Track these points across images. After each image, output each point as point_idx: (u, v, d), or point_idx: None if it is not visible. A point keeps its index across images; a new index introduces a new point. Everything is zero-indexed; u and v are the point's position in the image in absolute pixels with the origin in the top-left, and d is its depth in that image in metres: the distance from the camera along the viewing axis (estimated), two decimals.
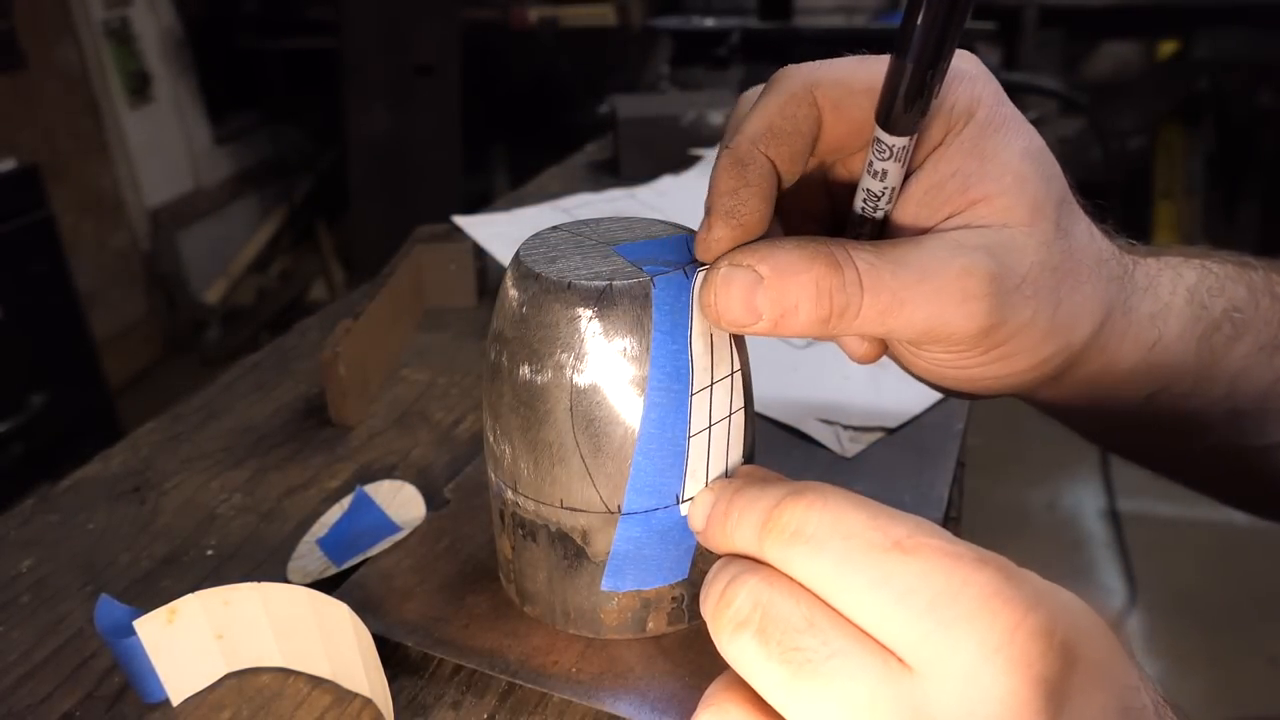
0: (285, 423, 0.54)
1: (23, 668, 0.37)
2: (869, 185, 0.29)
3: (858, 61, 0.29)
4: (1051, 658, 0.20)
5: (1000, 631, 0.20)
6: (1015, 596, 0.21)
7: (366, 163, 2.73)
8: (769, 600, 0.23)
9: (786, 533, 0.24)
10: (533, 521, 0.33)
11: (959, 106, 0.29)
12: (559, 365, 0.30)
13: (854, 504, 0.24)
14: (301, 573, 0.40)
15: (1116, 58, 3.03)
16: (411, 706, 0.34)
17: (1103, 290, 0.32)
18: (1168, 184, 2.78)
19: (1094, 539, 1.88)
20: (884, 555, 0.22)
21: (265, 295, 2.99)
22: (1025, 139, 0.29)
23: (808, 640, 0.22)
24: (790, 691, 0.22)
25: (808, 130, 0.29)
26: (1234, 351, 0.36)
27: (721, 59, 1.31)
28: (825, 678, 0.22)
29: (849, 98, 0.28)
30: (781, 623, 0.23)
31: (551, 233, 0.34)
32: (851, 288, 0.27)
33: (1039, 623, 0.21)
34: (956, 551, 0.22)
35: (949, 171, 0.29)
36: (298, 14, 2.92)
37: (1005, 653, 0.20)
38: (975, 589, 0.21)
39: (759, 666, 0.23)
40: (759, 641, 0.23)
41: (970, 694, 0.20)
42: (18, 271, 1.91)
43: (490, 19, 2.70)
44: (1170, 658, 1.61)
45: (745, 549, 0.25)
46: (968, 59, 0.30)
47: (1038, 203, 0.29)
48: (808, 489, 0.24)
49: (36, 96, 2.28)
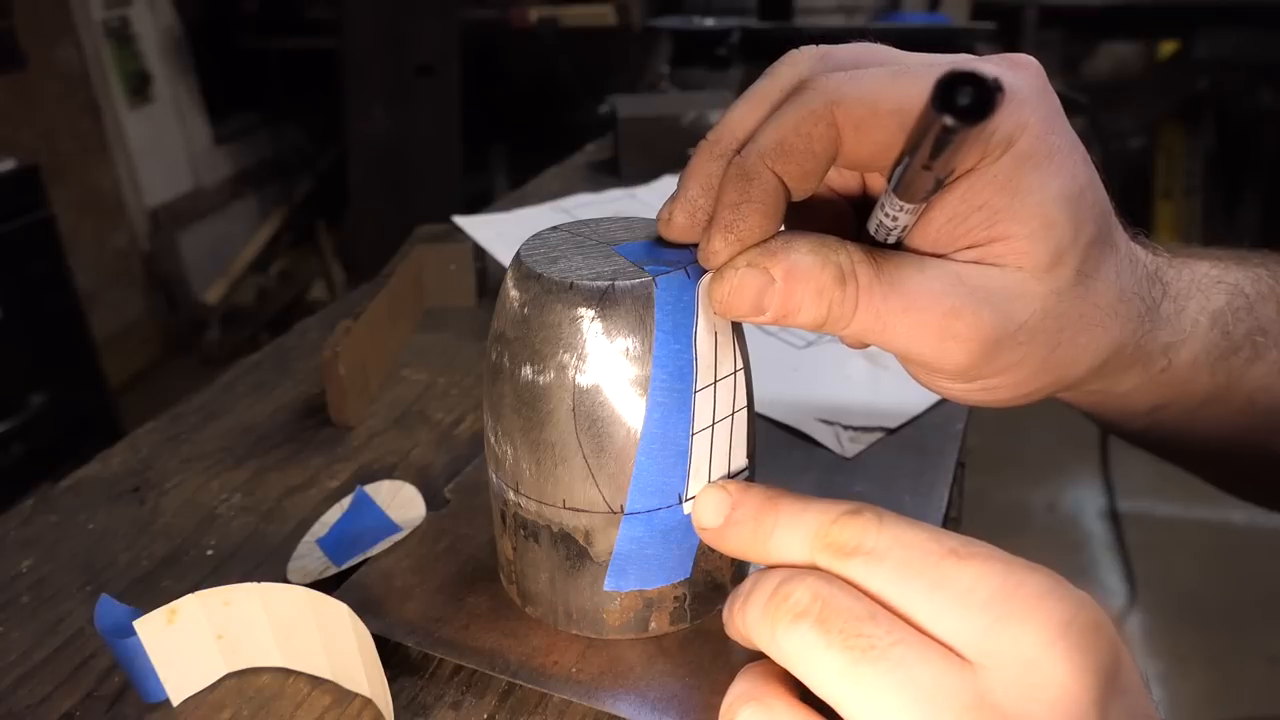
0: (285, 423, 0.54)
1: (23, 668, 0.36)
2: (882, 218, 0.28)
3: (889, 76, 0.27)
4: (1105, 650, 0.22)
5: (1056, 625, 0.21)
6: (1067, 595, 0.22)
7: (366, 163, 2.73)
8: (829, 594, 0.24)
9: (847, 548, 0.24)
10: (534, 522, 0.33)
11: (1000, 132, 0.26)
12: (561, 366, 0.30)
13: (910, 522, 0.24)
14: (301, 573, 0.40)
15: (1116, 58, 3.03)
16: (411, 706, 0.34)
17: (1115, 332, 0.31)
18: (1168, 184, 2.79)
19: (1094, 539, 1.88)
20: (941, 561, 0.23)
21: (265, 295, 2.99)
22: (1067, 177, 0.27)
23: (871, 628, 0.23)
24: (852, 678, 0.23)
25: (822, 151, 0.27)
26: (1252, 371, 0.35)
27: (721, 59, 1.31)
28: (890, 663, 0.22)
29: (872, 119, 0.26)
30: (844, 612, 0.23)
31: (552, 233, 0.34)
32: (849, 302, 0.27)
33: (1091, 618, 0.22)
34: (1008, 558, 0.23)
35: (975, 204, 0.27)
36: (298, 14, 2.92)
37: (1062, 643, 0.21)
38: (1030, 588, 0.22)
39: (818, 655, 0.23)
40: (820, 630, 0.23)
41: (1031, 681, 0.21)
42: (18, 271, 1.91)
43: (490, 19, 2.70)
44: (1170, 658, 1.61)
45: (791, 559, 0.26)
46: (1026, 71, 0.28)
47: (1061, 250, 0.28)
48: (864, 508, 0.25)
49: (36, 96, 2.28)
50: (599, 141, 1.16)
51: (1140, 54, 3.04)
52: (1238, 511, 0.45)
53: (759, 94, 0.29)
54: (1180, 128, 2.78)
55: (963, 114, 0.20)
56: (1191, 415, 0.36)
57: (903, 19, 2.34)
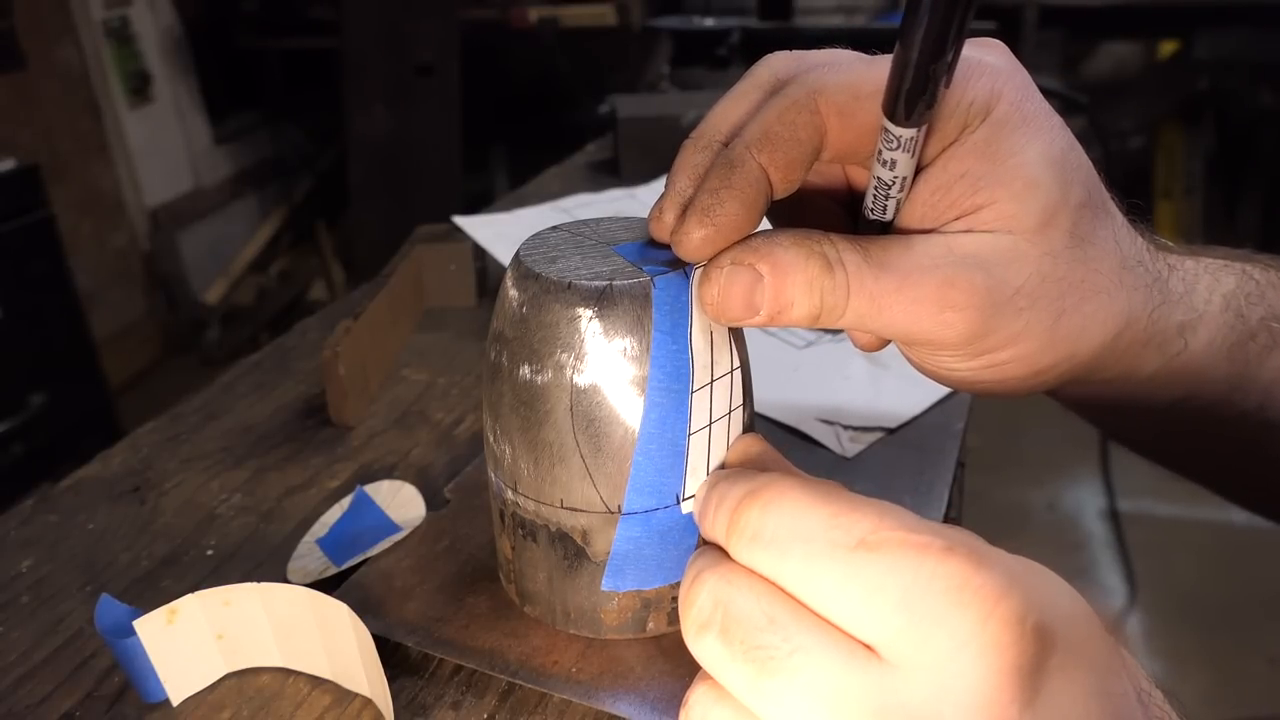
0: (285, 423, 0.54)
1: (23, 668, 0.37)
2: (880, 174, 0.28)
3: (865, 64, 0.28)
4: (1024, 645, 0.20)
5: (971, 622, 0.20)
6: (985, 584, 0.21)
7: (366, 163, 2.73)
8: (728, 598, 0.23)
9: (746, 535, 0.24)
10: (533, 522, 0.33)
11: (977, 102, 0.27)
12: (559, 365, 0.30)
13: (811, 500, 0.23)
14: (301, 573, 0.40)
15: (1116, 58, 3.03)
16: (411, 706, 0.34)
17: (1122, 300, 0.30)
18: (1168, 184, 2.79)
19: (1094, 539, 1.88)
20: (848, 555, 0.22)
21: (265, 295, 2.99)
22: (1046, 140, 0.28)
23: (768, 638, 0.22)
24: (757, 690, 0.22)
25: (807, 139, 0.27)
26: (1269, 361, 0.35)
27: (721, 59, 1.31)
28: (789, 674, 0.22)
29: (855, 103, 0.27)
30: (742, 621, 0.23)
31: (551, 233, 0.34)
32: (840, 289, 0.27)
33: (1010, 610, 0.20)
34: (923, 541, 0.21)
35: (958, 172, 0.28)
36: (298, 14, 2.92)
37: (976, 642, 0.20)
38: (943, 581, 0.21)
39: (725, 667, 0.23)
40: (723, 642, 0.23)
41: (942, 684, 0.20)
42: (18, 271, 1.91)
43: (490, 19, 2.70)
44: (1170, 658, 1.61)
45: (718, 542, 0.26)
46: (995, 50, 0.29)
47: (1049, 210, 0.28)
48: (765, 488, 0.24)
49: (36, 96, 2.28)
50: (599, 141, 1.16)
51: (1140, 54, 3.04)
52: (1238, 512, 0.45)
53: (739, 93, 0.30)
54: (1180, 128, 2.78)
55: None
56: (1209, 414, 0.35)
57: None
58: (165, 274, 2.74)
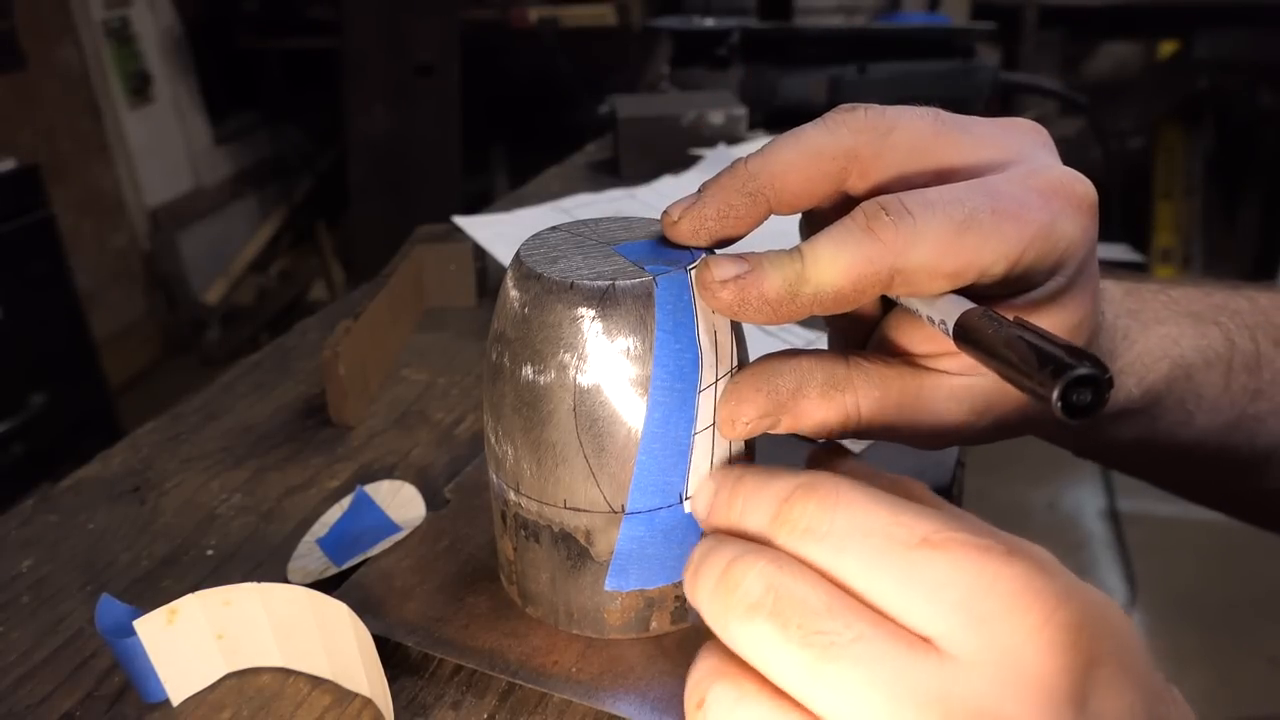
0: (285, 423, 0.54)
1: (23, 668, 0.36)
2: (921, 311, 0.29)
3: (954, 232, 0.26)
4: (1078, 651, 0.21)
5: (1032, 624, 0.21)
6: (1045, 590, 0.21)
7: (366, 163, 2.73)
8: (781, 583, 0.23)
9: (799, 528, 0.24)
10: (535, 522, 0.33)
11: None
12: (562, 366, 0.30)
13: (872, 499, 0.23)
14: (301, 573, 0.40)
15: (1116, 58, 3.03)
16: (411, 706, 0.34)
17: None
18: (1168, 184, 2.79)
19: (1094, 539, 1.88)
20: (910, 552, 0.22)
21: (265, 295, 2.99)
22: None
23: (830, 623, 0.22)
24: (815, 675, 0.22)
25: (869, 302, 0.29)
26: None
27: (721, 59, 1.31)
28: (851, 660, 0.21)
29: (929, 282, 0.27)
30: (799, 606, 0.22)
31: (552, 233, 0.34)
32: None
33: (1068, 616, 0.21)
34: (985, 545, 0.22)
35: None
36: (298, 14, 2.93)
37: (1035, 642, 0.21)
38: (1005, 584, 0.21)
39: (777, 652, 0.22)
40: (776, 625, 0.22)
41: (1004, 678, 0.21)
42: (18, 271, 1.91)
43: (490, 19, 2.70)
44: (1170, 658, 1.61)
45: (754, 534, 0.25)
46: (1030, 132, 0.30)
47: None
48: (820, 483, 0.24)
49: (36, 96, 2.29)
50: (599, 141, 1.16)
51: (1140, 54, 3.04)
52: None
53: (809, 147, 0.29)
54: (1180, 128, 2.78)
55: (1077, 412, 0.22)
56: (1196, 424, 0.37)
57: (903, 19, 2.34)
58: (165, 274, 2.74)
